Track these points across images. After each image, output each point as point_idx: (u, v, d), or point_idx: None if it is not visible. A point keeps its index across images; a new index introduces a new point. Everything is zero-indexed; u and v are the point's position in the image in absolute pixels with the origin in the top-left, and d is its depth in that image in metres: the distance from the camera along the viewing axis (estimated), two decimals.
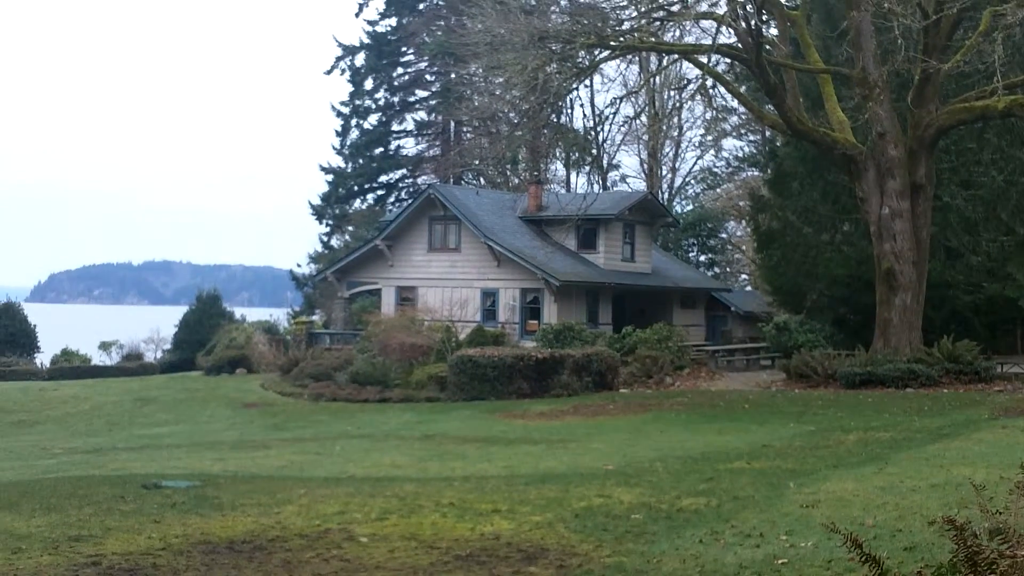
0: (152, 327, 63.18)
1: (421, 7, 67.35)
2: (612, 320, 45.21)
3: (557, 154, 68.04)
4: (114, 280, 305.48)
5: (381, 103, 68.69)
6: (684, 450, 20.63)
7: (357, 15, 68.48)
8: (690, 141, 68.16)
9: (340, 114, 67.88)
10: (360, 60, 67.26)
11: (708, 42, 36.13)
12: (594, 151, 66.98)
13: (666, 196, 65.22)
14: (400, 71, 68.75)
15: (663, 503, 12.81)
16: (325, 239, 68.39)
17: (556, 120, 59.59)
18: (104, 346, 61.22)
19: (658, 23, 36.03)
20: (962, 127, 37.20)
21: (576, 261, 45.28)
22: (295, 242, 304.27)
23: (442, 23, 66.35)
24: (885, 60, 34.07)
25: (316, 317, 56.70)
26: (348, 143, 68.14)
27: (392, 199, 68.78)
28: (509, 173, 66.53)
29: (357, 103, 67.95)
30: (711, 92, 40.93)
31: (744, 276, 68.01)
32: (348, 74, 67.35)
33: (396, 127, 69.51)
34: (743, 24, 32.90)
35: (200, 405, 38.58)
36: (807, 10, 37.21)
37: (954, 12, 31.68)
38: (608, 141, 67.47)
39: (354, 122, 68.20)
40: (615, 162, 69.12)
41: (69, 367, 54.33)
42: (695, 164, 68.81)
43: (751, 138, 63.77)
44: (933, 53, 32.65)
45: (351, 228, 65.16)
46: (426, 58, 67.72)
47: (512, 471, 17.99)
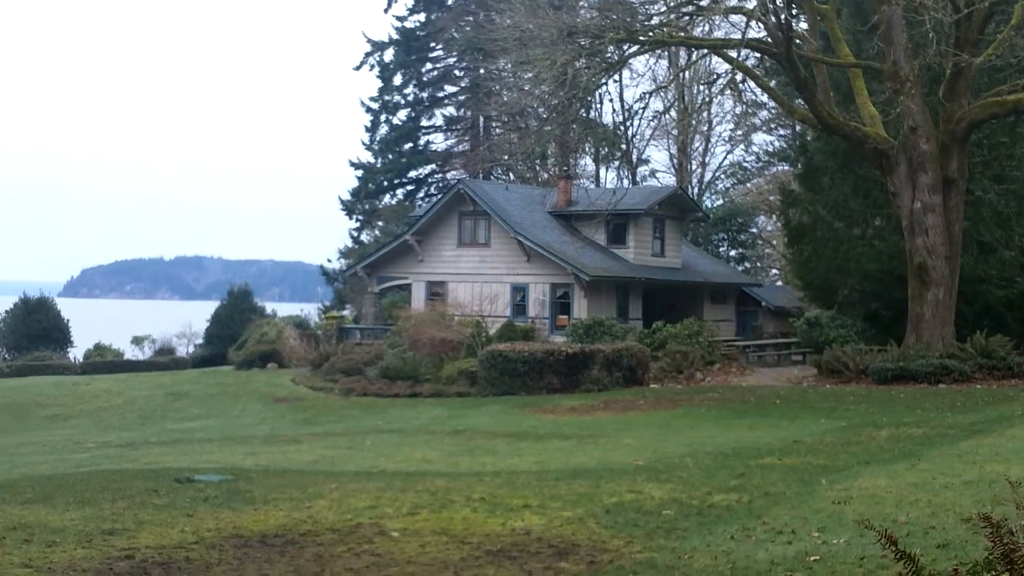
0: (184, 322, 63.67)
1: (450, 2, 67.30)
2: (642, 315, 45.10)
3: (586, 149, 67.87)
4: (146, 275, 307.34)
5: (410, 99, 68.77)
6: (715, 446, 20.60)
7: (386, 11, 68.78)
8: (720, 136, 67.82)
9: (369, 110, 68.02)
10: (389, 56, 67.34)
11: (738, 36, 35.97)
12: (623, 146, 66.80)
13: (696, 191, 65.01)
14: (429, 66, 68.76)
15: (694, 499, 12.80)
16: (355, 234, 68.50)
17: (585, 115, 59.48)
18: (136, 341, 61.69)
19: (687, 18, 35.91)
20: (994, 121, 36.99)
21: (606, 256, 45.20)
22: (325, 237, 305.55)
23: (471, 18, 66.33)
24: (916, 54, 33.89)
25: (346, 312, 56.83)
26: (377, 139, 68.26)
27: (421, 194, 68.85)
28: (538, 168, 66.45)
29: (386, 99, 68.04)
30: (741, 87, 40.74)
31: (774, 271, 67.69)
32: (377, 70, 67.45)
33: (425, 122, 69.60)
34: (773, 18, 32.79)
35: (232, 400, 38.79)
36: (837, 4, 36.95)
37: (985, 6, 31.49)
38: (637, 136, 67.30)
39: (383, 118, 68.31)
40: (644, 157, 68.85)
41: (102, 362, 54.73)
42: (725, 159, 68.55)
43: (781, 132, 63.43)
44: (965, 47, 32.45)
45: (381, 223, 65.20)
46: (455, 53, 67.70)
47: (543, 466, 18.01)
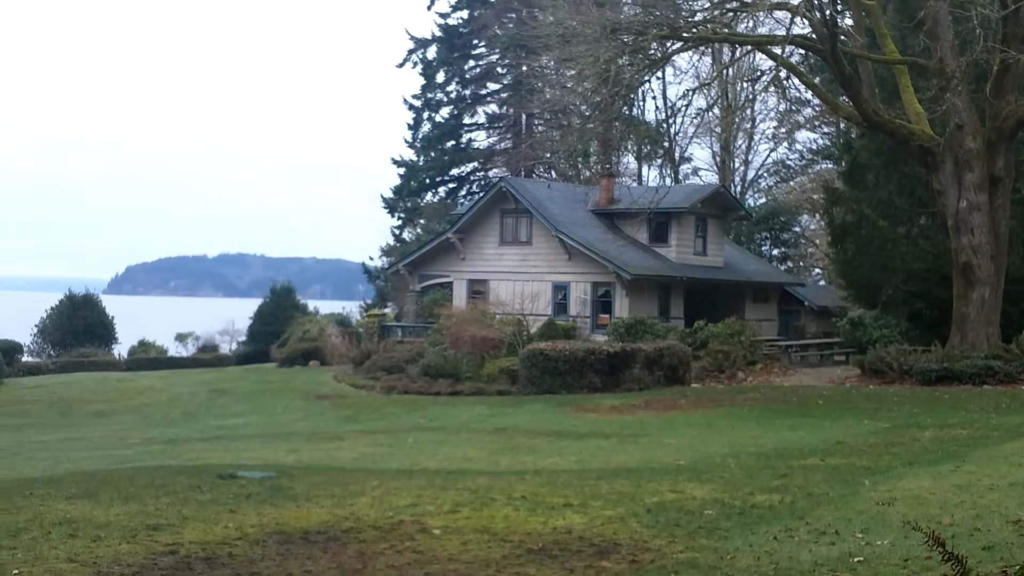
0: (226, 319, 64.17)
1: (493, 0, 67.39)
2: (684, 314, 44.97)
3: (629, 147, 67.77)
4: (189, 272, 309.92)
5: (453, 96, 68.90)
6: (757, 446, 20.51)
7: (429, 8, 68.75)
8: (763, 133, 67.47)
9: (412, 107, 68.23)
10: (432, 53, 67.48)
11: (782, 33, 35.76)
12: (666, 144, 66.61)
13: (738, 189, 64.73)
14: (471, 64, 68.86)
15: (736, 499, 12.73)
16: (397, 232, 68.73)
17: (628, 113, 59.33)
18: (180, 338, 62.25)
19: (731, 14, 35.70)
20: None
21: (648, 255, 45.09)
22: (367, 235, 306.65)
23: (513, 15, 66.37)
24: (963, 50, 33.52)
25: (388, 310, 57.02)
26: (420, 136, 68.45)
27: (463, 192, 68.96)
28: (580, 166, 66.37)
29: (429, 96, 68.22)
30: (785, 84, 40.49)
31: (817, 270, 67.29)
32: (420, 67, 67.64)
33: (467, 120, 69.71)
34: (818, 14, 32.56)
35: (274, 397, 39.01)
36: (883, 0, 36.69)
37: None
38: (680, 134, 67.12)
39: (426, 115, 68.50)
40: (687, 155, 68.69)
41: (146, 358, 55.25)
42: (768, 157, 68.17)
43: (825, 130, 62.97)
44: (1012, 43, 32.08)
45: (422, 221, 65.38)
46: (497, 51, 67.74)
47: (584, 465, 17.99)
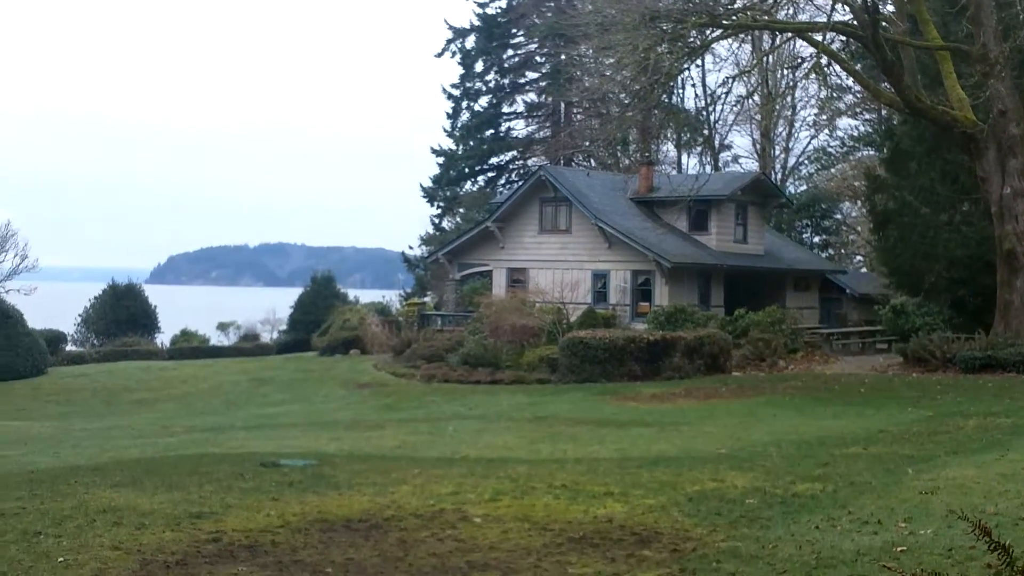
0: (268, 308, 64.54)
1: None
2: (724, 302, 44.78)
3: (668, 135, 67.45)
4: (231, 262, 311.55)
5: (491, 85, 68.89)
6: (798, 434, 20.42)
7: None
8: (803, 121, 67.00)
9: (451, 96, 68.28)
10: (471, 42, 67.50)
11: (822, 20, 35.48)
12: (706, 131, 66.29)
13: (779, 177, 64.35)
14: (510, 53, 68.81)
15: (777, 488, 12.69)
16: (436, 221, 68.86)
17: (667, 100, 58.99)
18: (222, 327, 62.70)
19: (771, 1, 35.51)
20: None
21: (687, 243, 44.93)
22: (406, 224, 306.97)
23: (552, 4, 66.23)
24: (1006, 36, 33.18)
25: (428, 299, 57.14)
26: (459, 125, 68.49)
27: (502, 181, 68.97)
28: (620, 154, 66.15)
29: (468, 85, 68.25)
30: (825, 71, 40.15)
31: (859, 258, 66.79)
32: (459, 56, 67.68)
33: (506, 109, 69.69)
34: (859, 0, 32.29)
35: (315, 385, 39.22)
36: None
37: None
38: (720, 121, 66.77)
39: (465, 104, 68.53)
40: (727, 142, 68.36)
41: (188, 347, 55.66)
42: (809, 144, 67.70)
43: (866, 117, 62.45)
44: None
45: (462, 210, 65.45)
46: (536, 39, 67.66)
47: (624, 454, 17.98)
